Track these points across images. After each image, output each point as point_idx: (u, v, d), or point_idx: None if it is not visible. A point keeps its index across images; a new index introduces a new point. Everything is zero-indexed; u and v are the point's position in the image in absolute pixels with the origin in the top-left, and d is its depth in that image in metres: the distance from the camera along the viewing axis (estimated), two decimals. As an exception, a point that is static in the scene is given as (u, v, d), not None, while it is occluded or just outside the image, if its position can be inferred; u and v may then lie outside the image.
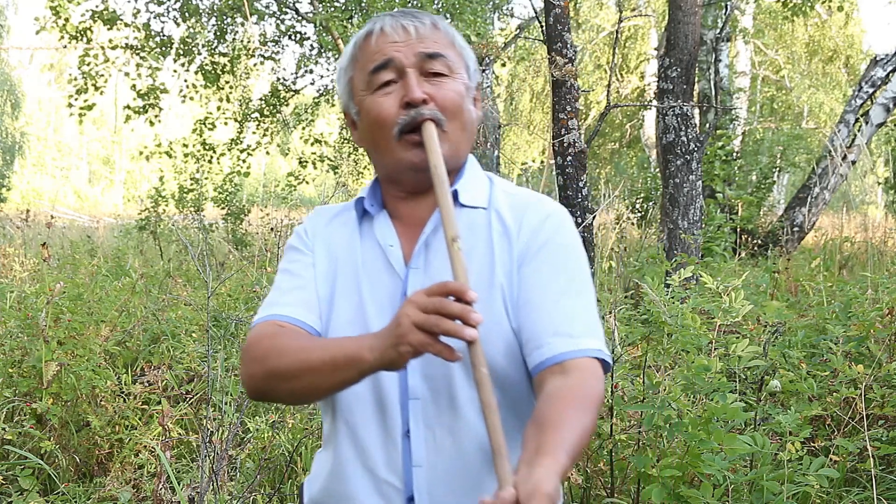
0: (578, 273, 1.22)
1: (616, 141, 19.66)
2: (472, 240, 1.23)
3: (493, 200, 1.27)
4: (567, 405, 1.06)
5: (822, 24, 18.05)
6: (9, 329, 3.73)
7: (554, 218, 1.24)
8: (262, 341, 1.20)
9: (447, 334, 1.00)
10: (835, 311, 3.36)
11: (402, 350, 1.03)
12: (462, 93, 1.24)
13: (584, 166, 3.98)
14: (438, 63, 1.22)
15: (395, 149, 1.22)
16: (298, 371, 1.14)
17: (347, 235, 1.30)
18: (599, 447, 2.54)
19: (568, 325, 1.16)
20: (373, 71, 1.22)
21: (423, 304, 1.02)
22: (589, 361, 1.14)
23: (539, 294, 1.18)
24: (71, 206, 27.95)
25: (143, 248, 9.07)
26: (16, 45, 25.48)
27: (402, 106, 1.20)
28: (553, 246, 1.22)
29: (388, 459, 1.20)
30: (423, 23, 1.24)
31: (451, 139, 1.23)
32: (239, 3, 9.14)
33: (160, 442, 2.86)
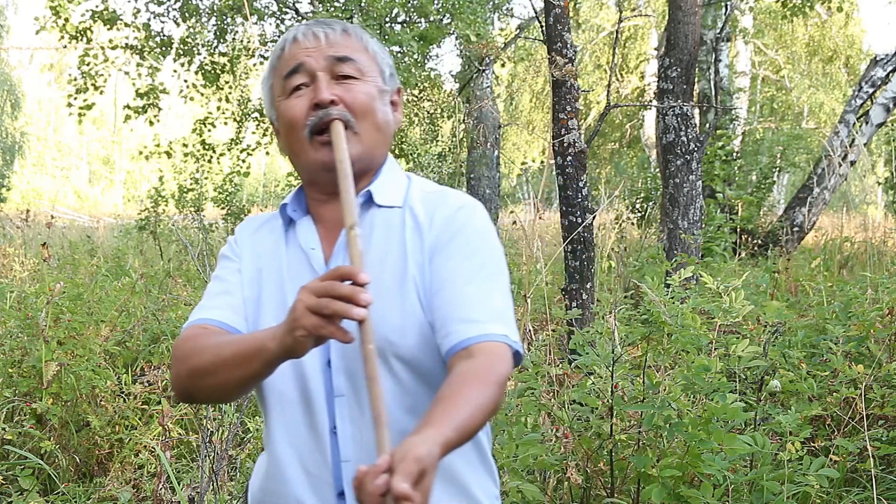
0: (489, 260, 1.25)
1: (616, 141, 19.66)
2: (388, 238, 1.27)
3: (409, 199, 1.31)
4: (464, 382, 1.09)
5: (822, 24, 18.05)
6: (9, 329, 3.73)
7: (465, 210, 1.28)
8: (187, 343, 1.24)
9: (337, 315, 1.04)
10: (835, 311, 3.36)
11: (297, 335, 1.06)
12: (373, 94, 1.28)
13: (584, 166, 3.98)
14: (348, 66, 1.27)
15: (307, 150, 1.27)
16: (213, 367, 1.18)
17: (273, 242, 1.34)
18: (599, 447, 2.54)
19: (474, 311, 1.18)
20: (286, 76, 1.27)
21: (316, 289, 1.05)
22: (496, 345, 1.17)
23: (448, 282, 1.22)
24: (71, 206, 27.95)
25: (143, 248, 9.07)
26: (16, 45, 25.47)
27: (311, 107, 1.25)
28: (463, 236, 1.25)
29: (319, 456, 1.24)
30: (334, 29, 1.28)
31: (363, 139, 1.27)
32: (239, 3, 9.14)
33: (160, 442, 2.86)
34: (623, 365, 2.59)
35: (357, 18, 8.77)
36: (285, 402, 1.26)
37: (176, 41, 10.09)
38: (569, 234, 3.91)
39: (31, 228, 8.29)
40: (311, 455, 1.24)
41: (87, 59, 9.82)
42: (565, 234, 3.96)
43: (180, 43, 10.09)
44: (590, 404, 2.56)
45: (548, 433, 2.58)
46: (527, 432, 2.39)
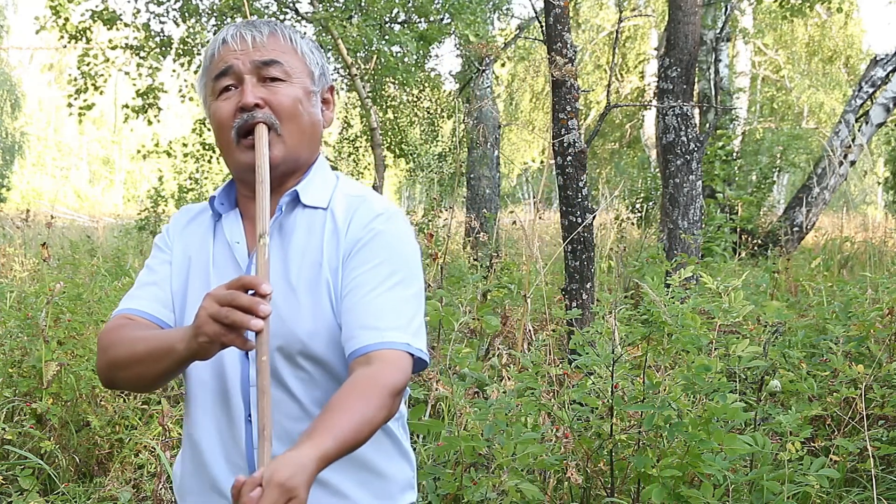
0: (400, 268, 1.27)
1: (616, 141, 19.65)
2: (308, 239, 1.30)
3: (332, 201, 1.33)
4: (351, 393, 1.13)
5: (822, 24, 18.05)
6: (9, 329, 3.73)
7: (382, 217, 1.29)
8: (110, 333, 1.29)
9: (235, 325, 1.08)
10: (835, 311, 3.36)
11: (200, 340, 1.11)
12: (299, 97, 1.31)
13: (584, 166, 3.98)
14: (274, 69, 1.29)
15: (233, 151, 1.30)
16: (128, 361, 1.24)
17: (202, 234, 1.37)
18: (599, 447, 2.54)
19: (376, 319, 1.22)
20: (215, 78, 1.30)
21: (219, 297, 1.09)
22: (394, 353, 1.20)
23: (356, 288, 1.25)
24: (71, 206, 27.95)
25: (143, 248, 9.06)
26: (16, 45, 25.47)
27: (238, 110, 1.28)
28: (377, 242, 1.27)
29: (235, 444, 1.28)
30: (262, 32, 1.31)
31: (287, 141, 1.30)
32: (239, 3, 9.13)
33: (160, 442, 2.86)
34: (623, 365, 2.59)
35: (357, 18, 8.77)
36: (205, 390, 1.30)
37: (176, 41, 10.09)
38: (569, 234, 3.91)
39: (31, 228, 8.29)
40: (227, 441, 1.29)
41: (86, 59, 9.82)
42: (565, 234, 3.96)
43: (180, 43, 10.09)
44: (590, 404, 2.56)
45: (548, 433, 2.58)
46: (527, 432, 2.39)
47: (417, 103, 11.74)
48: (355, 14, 9.03)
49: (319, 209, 1.32)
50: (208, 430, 1.30)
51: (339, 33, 8.53)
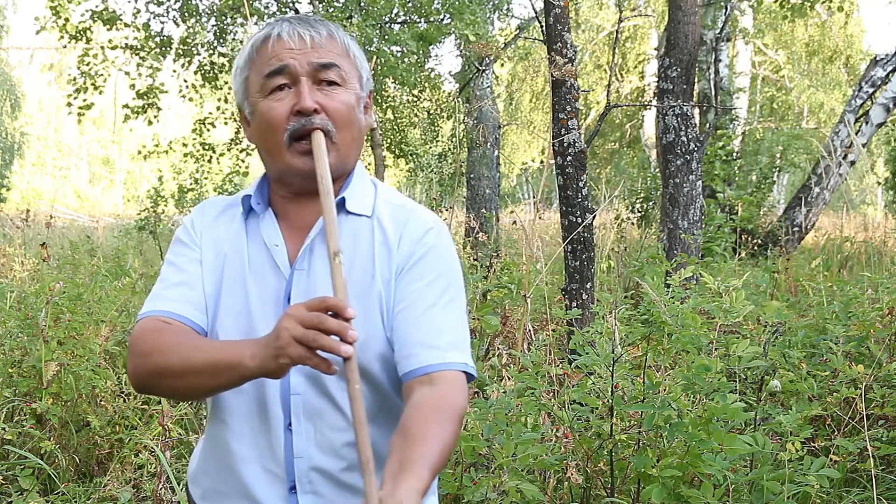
0: (451, 285, 1.28)
1: (616, 141, 19.65)
2: (355, 247, 1.28)
3: (376, 209, 1.32)
4: (430, 418, 1.13)
5: (822, 24, 18.05)
6: (9, 329, 3.73)
7: (433, 232, 1.30)
8: (147, 337, 1.23)
9: (324, 350, 1.05)
10: (835, 311, 3.36)
11: (281, 362, 1.08)
12: (353, 104, 1.28)
13: (584, 166, 3.98)
14: (331, 73, 1.26)
15: (284, 154, 1.26)
16: (181, 371, 1.18)
17: (234, 232, 1.33)
18: (600, 447, 2.54)
19: (435, 338, 1.22)
20: (268, 75, 1.25)
21: (303, 319, 1.06)
22: (454, 374, 1.21)
23: (412, 305, 1.24)
24: (71, 206, 27.95)
25: (142, 248, 9.06)
26: (16, 45, 25.47)
27: (293, 113, 1.24)
28: (429, 259, 1.27)
29: (273, 452, 1.25)
30: (320, 32, 1.27)
31: (340, 149, 1.27)
32: (239, 3, 9.13)
33: (160, 442, 2.86)
34: (623, 365, 2.59)
35: (357, 18, 8.77)
36: (241, 396, 1.27)
37: (176, 41, 10.09)
38: (569, 234, 3.91)
39: (31, 228, 8.29)
40: (264, 450, 1.26)
41: (86, 59, 9.82)
42: (565, 234, 3.95)
43: (180, 43, 10.09)
44: (590, 404, 2.56)
45: (548, 433, 2.58)
46: (527, 432, 2.39)
47: (417, 103, 11.74)
48: (355, 14, 9.03)
49: (364, 217, 1.30)
50: (242, 436, 1.27)
51: (338, 33, 8.51)
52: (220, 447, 1.30)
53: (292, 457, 1.24)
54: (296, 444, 1.24)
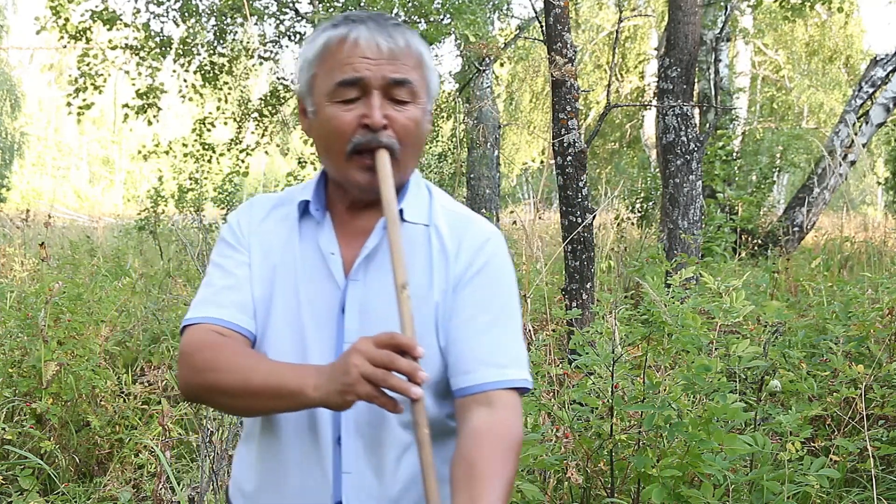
0: (509, 300, 1.26)
1: (616, 141, 19.65)
2: (412, 255, 1.25)
3: (433, 216, 1.29)
4: (495, 453, 1.12)
5: (822, 24, 18.05)
6: (9, 329, 3.73)
7: (491, 243, 1.27)
8: (203, 352, 1.20)
9: (394, 390, 1.04)
10: (835, 312, 3.36)
11: (347, 398, 1.07)
12: (420, 120, 1.24)
13: (584, 166, 3.98)
14: (404, 91, 1.22)
15: (345, 165, 1.23)
16: (239, 391, 1.16)
17: (285, 234, 1.29)
18: (600, 447, 2.54)
19: (496, 355, 1.20)
20: (340, 83, 1.20)
21: (373, 357, 1.04)
22: (511, 396, 1.20)
23: (471, 319, 1.22)
24: (71, 206, 27.94)
25: (142, 248, 9.07)
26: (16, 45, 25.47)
27: (360, 125, 1.20)
28: (488, 272, 1.25)
29: (320, 465, 1.22)
30: (398, 42, 1.22)
31: (401, 166, 1.24)
32: (239, 3, 9.13)
33: (160, 442, 2.86)
34: (623, 365, 2.59)
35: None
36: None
37: (176, 41, 10.08)
38: (569, 234, 3.91)
39: (31, 228, 8.29)
40: (312, 464, 1.23)
41: (86, 59, 9.82)
42: (565, 234, 3.95)
43: (180, 43, 10.09)
44: (590, 404, 2.56)
45: (548, 433, 2.58)
46: (527, 432, 2.39)
47: (417, 103, 11.71)
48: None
49: (420, 225, 1.28)
50: (289, 446, 1.24)
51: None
52: (265, 455, 1.27)
53: (340, 472, 1.21)
54: (344, 459, 1.21)
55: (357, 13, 1.24)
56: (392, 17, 1.26)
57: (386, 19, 1.24)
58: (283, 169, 27.29)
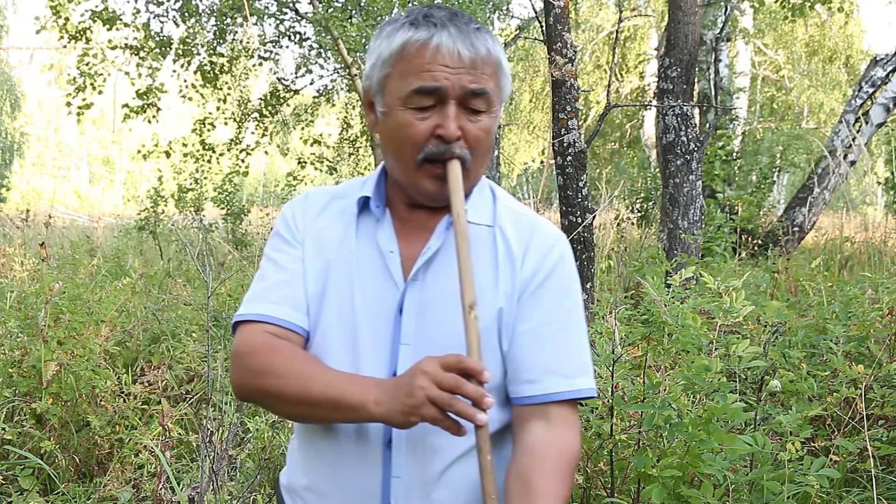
0: (575, 306, 1.25)
1: (616, 141, 19.65)
2: (476, 255, 1.22)
3: (498, 217, 1.27)
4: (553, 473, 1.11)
5: (822, 24, 18.05)
6: (9, 329, 3.73)
7: (557, 248, 1.26)
8: (259, 355, 1.19)
9: (459, 415, 1.03)
10: (835, 312, 3.36)
11: (411, 420, 1.06)
12: (492, 129, 1.22)
13: (584, 166, 3.98)
14: (481, 101, 1.19)
15: (414, 172, 1.20)
16: (296, 400, 1.15)
17: (342, 230, 1.27)
18: (599, 447, 2.54)
19: (562, 364, 1.19)
20: (417, 90, 1.17)
21: (440, 380, 1.03)
22: (570, 410, 1.19)
23: (539, 327, 1.20)
24: (71, 206, 27.94)
25: (142, 248, 9.07)
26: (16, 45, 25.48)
27: (434, 135, 1.18)
28: (555, 279, 1.23)
29: (369, 468, 1.21)
30: (479, 51, 1.18)
31: (471, 175, 1.22)
32: (239, 3, 9.13)
33: (160, 442, 2.86)
34: (623, 365, 2.59)
35: (357, 18, 8.77)
36: None
37: (175, 41, 10.08)
38: (569, 234, 3.91)
39: (31, 228, 8.29)
40: (361, 466, 1.21)
41: (86, 59, 9.82)
42: (565, 233, 3.95)
43: (180, 43, 10.09)
44: (590, 404, 2.56)
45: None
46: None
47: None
48: (355, 14, 9.03)
49: (484, 225, 1.26)
50: (339, 447, 1.22)
51: (339, 33, 8.53)
52: (313, 454, 1.26)
53: (390, 475, 1.20)
54: (394, 463, 1.20)
55: (437, 13, 1.19)
56: (472, 20, 1.22)
57: (467, 23, 1.20)
58: (283, 169, 27.30)
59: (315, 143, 11.44)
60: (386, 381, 1.10)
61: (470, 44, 1.17)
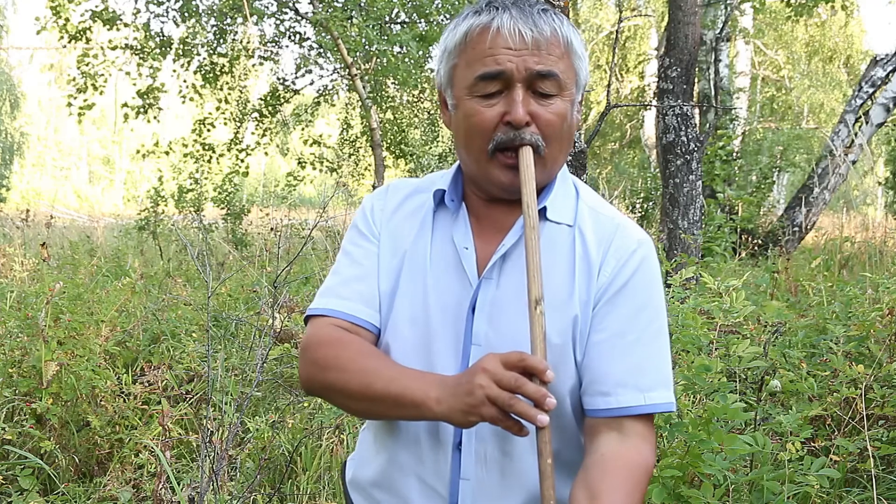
0: (656, 315, 1.18)
1: (616, 141, 19.66)
2: (553, 256, 1.18)
3: (578, 217, 1.22)
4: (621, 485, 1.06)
5: (822, 24, 18.05)
6: (9, 329, 3.73)
7: (638, 254, 1.19)
8: (326, 348, 1.17)
9: (520, 416, 0.99)
10: (835, 311, 3.36)
11: (471, 419, 1.03)
12: (566, 113, 1.17)
13: (584, 166, 3.98)
14: (550, 84, 1.14)
15: (486, 163, 1.17)
16: (359, 395, 1.13)
17: (418, 225, 1.24)
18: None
19: (638, 377, 1.13)
20: (480, 77, 1.14)
21: (500, 379, 1.00)
22: (646, 424, 1.14)
23: (614, 337, 1.15)
24: (71, 206, 27.95)
25: (143, 248, 9.07)
26: (16, 45, 25.48)
27: (502, 122, 1.14)
28: (635, 285, 1.17)
29: (437, 469, 1.18)
30: (543, 31, 1.13)
31: (548, 163, 1.17)
32: (239, 3, 9.13)
33: (160, 442, 2.86)
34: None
35: (357, 18, 8.77)
36: None
37: (176, 41, 10.08)
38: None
39: (31, 228, 8.29)
40: (430, 467, 1.19)
41: (86, 60, 9.82)
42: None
43: (180, 43, 10.09)
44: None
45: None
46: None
47: (417, 103, 11.73)
48: (355, 14, 9.03)
49: (564, 225, 1.21)
50: (408, 446, 1.20)
51: (339, 33, 8.53)
52: (383, 449, 1.24)
53: (458, 478, 1.17)
54: (464, 465, 1.17)
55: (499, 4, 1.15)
56: (539, 2, 1.17)
57: (532, 5, 1.16)
58: (283, 169, 27.30)
59: (315, 144, 11.45)
60: (448, 379, 1.07)
61: (533, 24, 1.13)
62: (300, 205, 12.04)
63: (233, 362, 3.76)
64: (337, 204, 11.63)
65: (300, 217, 10.91)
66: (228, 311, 4.96)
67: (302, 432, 3.13)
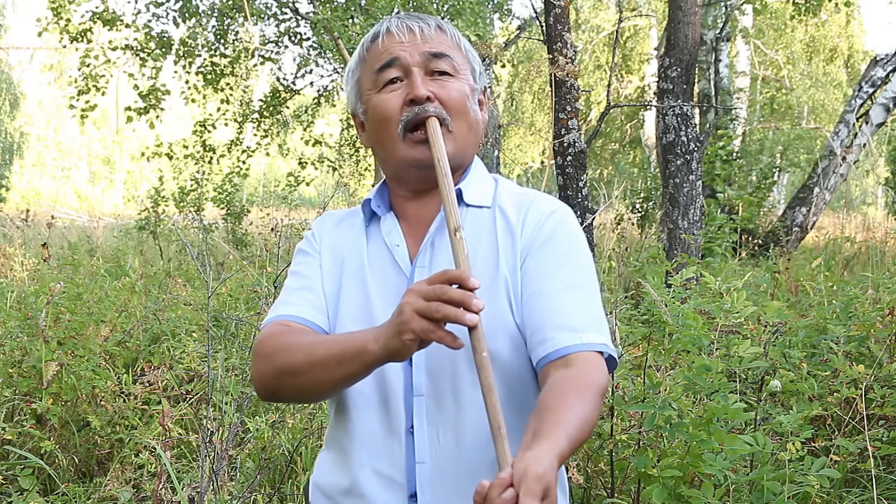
0: (582, 266, 1.22)
1: (616, 141, 19.66)
2: (477, 237, 1.24)
3: (498, 199, 1.29)
4: (567, 391, 1.06)
5: (822, 24, 18.05)
6: (9, 329, 3.73)
7: (557, 213, 1.25)
8: (270, 340, 1.21)
9: (448, 320, 1.01)
10: (835, 311, 3.36)
11: (405, 338, 1.04)
12: (466, 93, 1.25)
13: (584, 166, 3.98)
14: (443, 62, 1.24)
15: (399, 146, 1.23)
16: (305, 366, 1.15)
17: (353, 237, 1.31)
18: (600, 447, 2.54)
19: (571, 319, 1.15)
20: (379, 69, 1.24)
21: (425, 292, 1.03)
22: (592, 355, 1.14)
23: (543, 288, 1.19)
24: (71, 206, 27.95)
25: (142, 248, 9.07)
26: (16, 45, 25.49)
27: (406, 103, 1.22)
28: (556, 240, 1.22)
29: (391, 456, 1.20)
30: (429, 24, 1.25)
31: (457, 138, 1.25)
32: (239, 3, 9.13)
33: (160, 442, 2.86)
34: (623, 365, 2.59)
35: (357, 18, 8.77)
36: (361, 399, 1.23)
37: (176, 42, 10.08)
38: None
39: (31, 228, 8.29)
40: (383, 455, 1.21)
41: (87, 61, 9.82)
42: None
43: (180, 44, 10.09)
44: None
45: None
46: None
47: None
48: (355, 14, 9.02)
49: (484, 208, 1.28)
50: (363, 440, 1.23)
51: (339, 33, 8.52)
52: (339, 452, 1.27)
53: (414, 462, 1.19)
54: (418, 449, 1.19)
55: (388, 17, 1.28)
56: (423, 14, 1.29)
57: (416, 14, 1.28)
58: (284, 169, 27.30)
59: (315, 144, 11.45)
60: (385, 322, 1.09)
61: (418, 19, 1.25)
62: (301, 205, 12.04)
63: (233, 362, 3.76)
64: (337, 204, 11.63)
65: (300, 217, 10.92)
66: (228, 311, 4.96)
67: (302, 432, 3.13)
